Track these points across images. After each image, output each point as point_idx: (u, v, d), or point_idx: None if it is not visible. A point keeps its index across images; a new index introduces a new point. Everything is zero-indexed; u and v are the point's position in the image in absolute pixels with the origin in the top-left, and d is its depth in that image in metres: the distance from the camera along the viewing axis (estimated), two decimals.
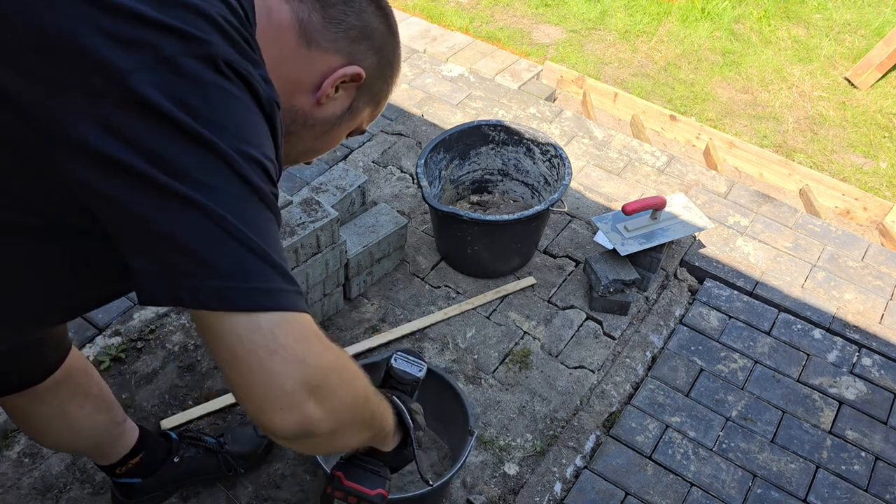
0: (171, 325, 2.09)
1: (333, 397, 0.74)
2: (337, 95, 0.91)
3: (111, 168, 0.64)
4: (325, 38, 0.86)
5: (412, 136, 2.85)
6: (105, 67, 0.63)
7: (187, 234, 0.65)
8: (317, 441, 0.75)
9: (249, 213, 0.68)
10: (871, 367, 2.17)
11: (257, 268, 0.68)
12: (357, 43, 0.89)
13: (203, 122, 0.65)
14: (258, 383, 0.68)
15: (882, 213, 2.88)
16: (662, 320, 2.25)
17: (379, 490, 1.08)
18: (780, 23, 4.11)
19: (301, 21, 0.85)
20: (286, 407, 0.70)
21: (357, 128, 0.99)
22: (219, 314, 0.67)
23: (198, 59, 0.66)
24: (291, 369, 0.69)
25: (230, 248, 0.66)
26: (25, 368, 1.24)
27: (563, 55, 3.73)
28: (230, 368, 0.69)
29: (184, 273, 0.65)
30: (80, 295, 0.88)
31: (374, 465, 1.10)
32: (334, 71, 0.88)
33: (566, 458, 1.86)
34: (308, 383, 0.70)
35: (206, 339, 0.70)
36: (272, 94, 0.74)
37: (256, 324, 0.67)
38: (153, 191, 0.64)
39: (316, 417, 0.72)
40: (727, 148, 3.13)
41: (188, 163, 0.65)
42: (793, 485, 1.86)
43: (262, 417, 0.70)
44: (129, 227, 0.66)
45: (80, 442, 1.45)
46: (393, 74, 0.97)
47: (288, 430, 0.71)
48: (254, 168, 0.69)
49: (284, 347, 0.68)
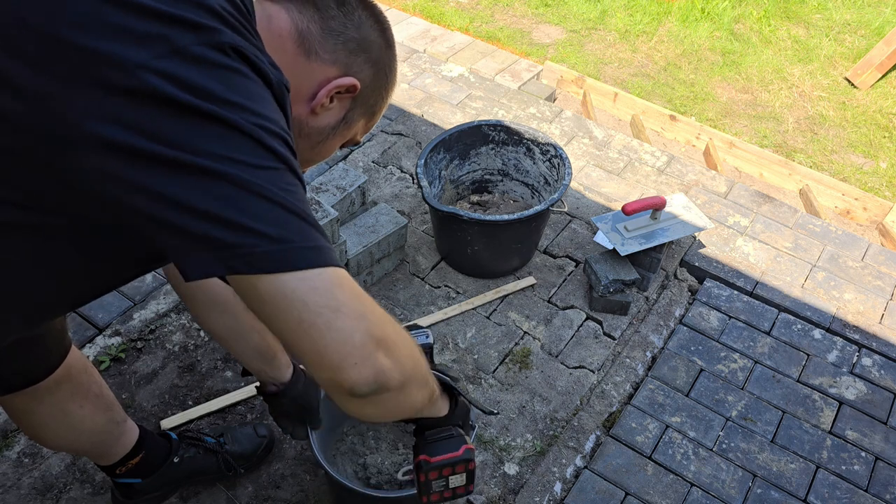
0: (171, 326, 2.09)
1: (396, 348, 0.76)
2: (332, 106, 0.92)
3: (138, 159, 0.65)
4: (323, 48, 0.88)
5: (412, 136, 2.85)
6: (119, 61, 0.64)
7: (228, 206, 0.66)
8: (389, 396, 0.77)
9: (282, 180, 0.70)
10: (871, 367, 2.17)
11: (302, 228, 0.70)
12: (354, 55, 0.90)
13: (222, 104, 0.67)
14: (330, 343, 0.70)
15: (882, 213, 2.88)
16: (662, 320, 2.25)
17: (464, 447, 1.11)
18: (780, 23, 4.11)
19: (300, 31, 0.86)
20: (360, 360, 0.72)
21: (351, 139, 1.00)
22: (274, 279, 0.68)
23: (209, 47, 0.68)
24: (356, 324, 0.71)
25: (273, 213, 0.68)
26: (26, 367, 1.24)
27: (563, 55, 3.73)
28: (296, 335, 0.70)
29: (233, 244, 0.67)
30: (89, 283, 0.89)
31: (444, 431, 1.11)
32: (330, 81, 0.89)
33: (566, 458, 1.86)
34: (374, 336, 0.73)
35: (263, 310, 0.71)
36: (281, 78, 0.76)
37: (314, 285, 0.69)
38: (184, 172, 0.66)
39: (387, 367, 0.74)
40: (727, 148, 3.13)
41: (214, 142, 0.67)
42: (793, 485, 1.86)
43: (340, 376, 0.72)
44: (163, 211, 0.67)
45: (81, 442, 1.44)
46: (388, 87, 0.98)
47: (365, 383, 0.73)
48: (277, 140, 0.71)
49: (345, 304, 0.70)
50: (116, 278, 0.91)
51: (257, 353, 1.36)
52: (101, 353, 1.99)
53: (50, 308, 0.92)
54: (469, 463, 1.12)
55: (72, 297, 0.91)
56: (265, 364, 1.39)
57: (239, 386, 1.95)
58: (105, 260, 0.84)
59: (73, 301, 0.93)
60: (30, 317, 0.91)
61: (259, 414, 1.90)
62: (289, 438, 1.82)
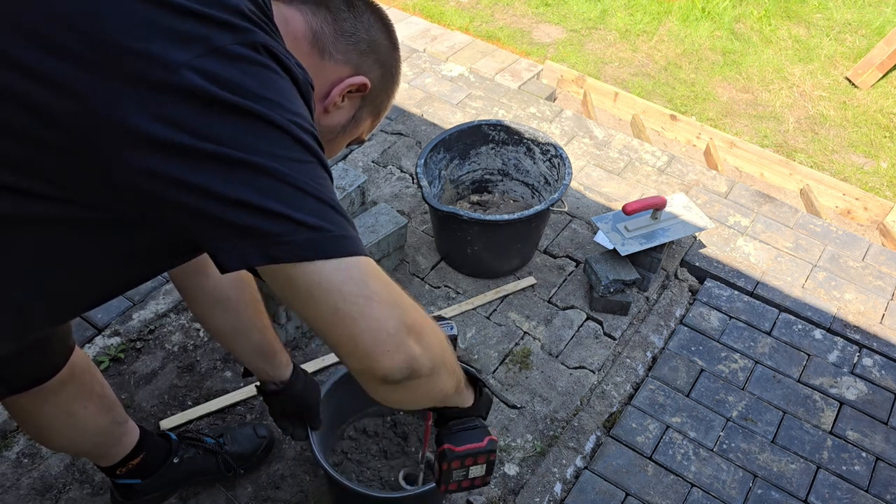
0: (171, 326, 2.09)
1: (426, 335, 0.79)
2: (343, 104, 0.95)
3: (179, 154, 0.67)
4: (336, 49, 0.91)
5: (412, 136, 2.85)
6: (162, 60, 0.67)
7: (263, 196, 0.69)
8: (420, 383, 0.79)
9: (314, 173, 0.73)
10: (872, 368, 2.16)
11: (335, 218, 0.73)
12: (365, 56, 0.94)
13: (258, 100, 0.70)
14: (364, 330, 0.72)
15: (883, 212, 2.87)
16: (663, 320, 2.25)
17: (488, 438, 1.12)
18: (781, 22, 4.10)
19: (314, 32, 0.90)
20: (392, 348, 0.74)
21: (357, 137, 1.03)
22: (311, 267, 0.70)
23: (245, 46, 0.72)
24: (389, 312, 0.73)
25: (309, 204, 0.71)
26: (32, 367, 1.24)
27: (563, 55, 3.73)
28: (331, 324, 0.72)
29: (273, 232, 0.69)
30: (120, 277, 0.90)
31: (468, 421, 1.13)
32: (343, 80, 0.93)
33: (566, 459, 1.86)
34: (405, 323, 0.75)
35: (298, 299, 0.73)
36: (307, 76, 0.79)
37: (349, 275, 0.71)
38: (224, 165, 0.68)
39: (418, 354, 0.76)
40: (728, 148, 3.13)
41: (252, 137, 0.69)
42: (793, 485, 1.86)
43: (373, 364, 0.74)
44: (204, 204, 0.69)
45: (83, 442, 1.45)
46: (394, 87, 1.02)
47: (398, 370, 0.75)
48: (308, 135, 0.74)
49: (377, 293, 0.73)
50: (147, 271, 0.93)
51: (258, 352, 1.36)
52: (100, 354, 1.99)
53: (78, 303, 0.92)
54: (491, 454, 1.13)
55: (100, 291, 0.91)
56: (265, 363, 1.39)
57: (238, 386, 1.95)
58: (135, 253, 0.85)
59: (100, 296, 0.92)
60: (57, 313, 0.91)
61: (259, 414, 1.89)
62: (288, 439, 1.82)
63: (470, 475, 1.14)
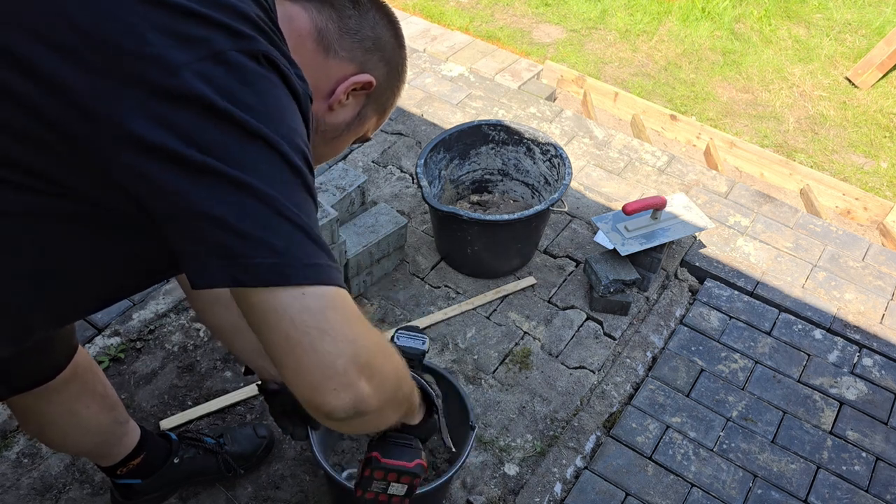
0: (171, 326, 2.09)
1: (380, 375, 0.76)
2: (348, 102, 0.95)
3: (165, 158, 0.66)
4: (341, 46, 0.91)
5: (412, 136, 2.85)
6: (161, 62, 0.66)
7: (240, 215, 0.68)
8: (365, 420, 0.77)
9: (295, 195, 0.71)
10: (872, 368, 2.16)
11: (306, 245, 0.71)
12: (370, 53, 0.93)
13: (251, 112, 0.69)
14: (312, 364, 0.70)
15: (883, 213, 2.87)
16: (663, 320, 2.25)
17: (417, 461, 1.10)
18: (781, 22, 4.10)
19: (319, 30, 0.89)
20: (340, 386, 0.71)
21: (362, 135, 1.02)
22: (269, 293, 0.69)
23: (244, 54, 0.70)
24: (343, 349, 0.71)
25: (281, 227, 0.69)
26: (36, 366, 1.24)
27: (563, 55, 3.73)
28: (282, 352, 0.71)
29: (238, 253, 0.68)
30: (116, 284, 0.89)
31: (406, 438, 1.11)
32: (347, 78, 0.92)
33: (566, 459, 1.86)
34: (358, 363, 0.72)
35: (255, 322, 0.72)
36: (307, 90, 0.78)
37: (307, 304, 0.69)
38: (208, 178, 0.67)
39: (367, 394, 0.74)
40: (728, 148, 3.13)
41: (238, 149, 0.68)
42: (793, 485, 1.86)
43: (316, 399, 0.72)
44: (182, 213, 0.68)
45: (85, 442, 1.44)
46: (399, 85, 1.01)
47: (342, 409, 0.73)
48: (298, 155, 0.72)
49: (334, 328, 0.70)
50: (144, 279, 0.92)
51: (258, 350, 1.36)
52: (100, 354, 1.99)
53: (78, 305, 0.91)
54: (415, 478, 1.11)
55: (99, 294, 0.90)
56: (266, 361, 1.38)
57: (238, 386, 1.95)
58: (136, 256, 0.85)
59: (99, 299, 0.92)
60: (57, 315, 0.91)
61: (259, 414, 1.89)
62: (288, 439, 1.82)
63: (389, 490, 1.12)
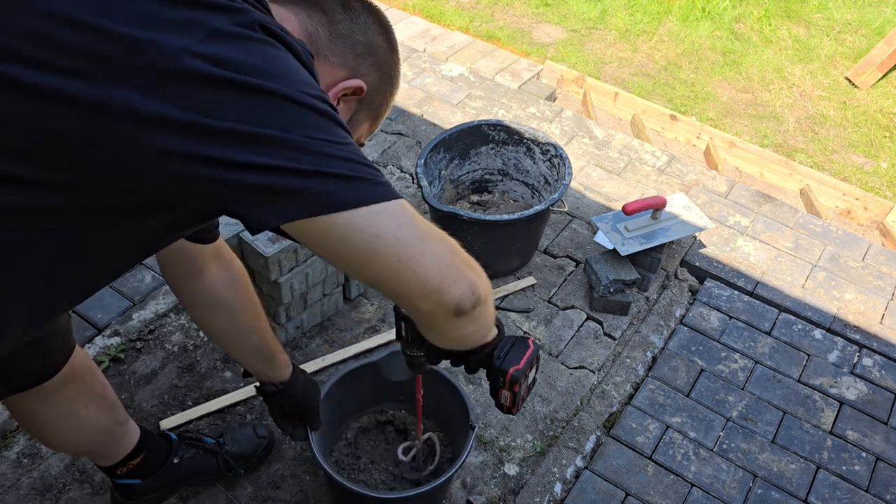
0: (171, 326, 2.09)
1: (470, 261, 0.83)
2: (338, 107, 0.95)
3: (197, 134, 0.69)
4: (331, 52, 0.91)
5: (412, 136, 2.85)
6: (163, 48, 0.68)
7: (293, 161, 0.71)
8: (482, 310, 0.83)
9: (332, 133, 0.75)
10: (872, 368, 2.16)
11: (364, 169, 0.75)
12: (361, 58, 0.93)
13: (266, 77, 0.71)
14: (429, 267, 0.76)
15: (883, 212, 2.87)
16: (663, 320, 2.25)
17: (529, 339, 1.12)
18: (781, 22, 4.10)
19: (309, 34, 0.90)
20: (456, 277, 0.78)
21: (356, 140, 1.01)
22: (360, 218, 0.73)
23: (240, 26, 0.73)
24: (442, 246, 0.78)
25: (334, 162, 0.73)
26: (33, 366, 1.24)
27: (563, 55, 3.73)
28: (398, 272, 0.75)
29: (306, 188, 0.71)
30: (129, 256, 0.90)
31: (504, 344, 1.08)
32: (338, 83, 0.92)
33: (566, 459, 1.86)
34: (454, 254, 0.80)
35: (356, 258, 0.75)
36: (306, 47, 0.81)
37: (398, 220, 0.74)
38: (245, 140, 0.70)
39: (474, 279, 0.81)
40: (728, 148, 3.13)
41: (267, 112, 0.71)
42: (793, 485, 1.86)
43: (445, 297, 0.78)
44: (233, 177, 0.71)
45: (84, 442, 1.45)
46: (392, 90, 1.01)
47: (467, 297, 0.79)
48: (320, 101, 0.75)
49: (427, 232, 0.77)
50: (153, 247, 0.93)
51: (256, 354, 1.36)
52: (100, 354, 1.99)
53: (88, 286, 0.91)
54: (537, 354, 1.13)
55: (108, 273, 0.90)
56: (264, 364, 1.39)
57: (238, 386, 1.95)
58: (147, 232, 0.85)
59: (110, 276, 0.92)
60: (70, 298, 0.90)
61: (258, 414, 1.89)
62: (288, 439, 1.82)
63: (529, 380, 1.13)
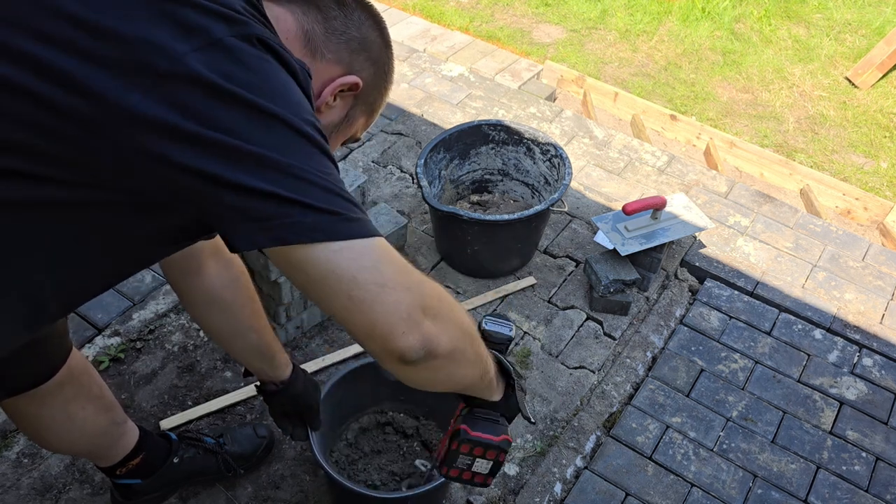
0: (171, 326, 2.09)
1: (443, 315, 0.81)
2: (335, 104, 0.95)
3: (184, 140, 0.69)
4: (327, 48, 0.91)
5: (412, 136, 2.85)
6: (165, 50, 0.69)
7: (273, 184, 0.71)
8: (439, 364, 0.81)
9: (315, 161, 0.74)
10: (872, 368, 2.16)
11: (342, 203, 0.74)
12: (356, 54, 0.94)
13: (256, 92, 0.71)
14: (379, 315, 0.75)
15: (883, 213, 2.87)
16: (663, 320, 2.25)
17: (504, 436, 1.11)
18: (781, 22, 4.10)
19: (306, 32, 0.90)
20: (407, 329, 0.76)
21: (351, 136, 1.03)
22: (321, 254, 0.72)
23: (240, 39, 0.73)
24: (403, 296, 0.75)
25: (314, 191, 0.72)
26: (30, 369, 1.24)
27: (563, 55, 3.73)
28: (348, 311, 0.75)
29: (278, 215, 0.71)
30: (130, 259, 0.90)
31: (492, 415, 1.12)
32: (334, 80, 0.92)
33: (566, 459, 1.86)
34: (420, 306, 0.77)
35: (312, 287, 0.75)
36: (304, 67, 0.81)
37: (360, 262, 0.74)
38: (230, 154, 0.70)
39: (433, 333, 0.78)
40: (728, 148, 3.13)
41: (250, 126, 0.71)
42: (793, 485, 1.86)
43: (389, 346, 0.76)
44: (211, 191, 0.71)
45: (82, 443, 1.44)
46: (387, 85, 1.01)
47: (414, 350, 0.77)
48: (309, 126, 0.75)
49: (391, 279, 0.75)
50: (157, 253, 0.94)
51: (256, 353, 1.36)
52: (100, 354, 1.99)
53: (88, 288, 0.92)
54: (501, 454, 1.11)
55: (110, 274, 0.91)
56: (264, 363, 1.39)
57: (238, 386, 1.95)
58: (150, 235, 0.86)
59: (112, 278, 0.93)
60: (69, 300, 0.91)
61: (259, 414, 1.89)
62: (288, 439, 1.81)
63: (474, 467, 1.12)
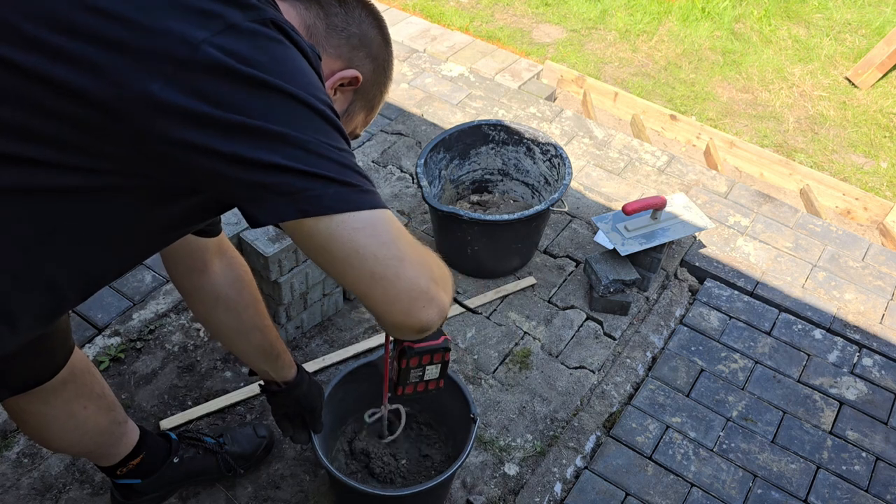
0: (171, 326, 2.09)
1: (444, 278, 0.87)
2: (335, 98, 0.97)
3: (206, 125, 0.72)
4: (328, 43, 0.93)
5: (412, 136, 2.85)
6: (183, 38, 0.71)
7: (294, 161, 0.74)
8: (441, 320, 0.86)
9: (330, 137, 0.78)
10: (872, 368, 2.16)
11: (357, 178, 0.78)
12: (356, 50, 0.96)
13: (272, 73, 0.74)
14: (401, 290, 0.79)
15: (882, 212, 2.87)
16: (663, 320, 2.25)
17: (443, 337, 1.19)
18: (781, 22, 4.10)
19: (308, 27, 0.92)
20: (427, 302, 0.81)
21: (351, 132, 1.04)
22: (343, 229, 0.76)
23: (256, 22, 0.76)
24: (419, 271, 0.80)
25: (330, 165, 0.76)
26: (33, 367, 1.24)
27: (563, 55, 3.73)
28: (370, 286, 0.79)
29: (303, 188, 0.74)
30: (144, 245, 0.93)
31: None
32: (335, 74, 0.94)
33: (566, 459, 1.86)
34: (432, 278, 0.82)
35: (334, 265, 0.79)
36: (314, 49, 0.84)
37: (380, 239, 0.77)
38: (249, 133, 0.73)
39: (445, 300, 0.84)
40: (728, 147, 3.13)
41: (271, 108, 0.74)
42: (793, 485, 1.86)
43: (409, 320, 0.81)
44: (236, 171, 0.74)
45: (84, 443, 1.44)
46: (386, 81, 1.04)
47: (433, 320, 0.83)
48: (323, 104, 0.78)
49: (408, 254, 0.79)
50: (169, 237, 0.97)
51: (260, 352, 1.36)
52: (100, 354, 1.99)
53: (103, 276, 0.93)
54: (446, 353, 1.21)
55: (132, 254, 0.93)
56: (267, 363, 1.38)
57: (238, 386, 1.95)
58: (171, 216, 0.87)
59: (131, 262, 0.95)
60: (86, 285, 0.92)
61: (259, 414, 1.89)
62: (288, 439, 1.81)
63: (426, 376, 1.21)
